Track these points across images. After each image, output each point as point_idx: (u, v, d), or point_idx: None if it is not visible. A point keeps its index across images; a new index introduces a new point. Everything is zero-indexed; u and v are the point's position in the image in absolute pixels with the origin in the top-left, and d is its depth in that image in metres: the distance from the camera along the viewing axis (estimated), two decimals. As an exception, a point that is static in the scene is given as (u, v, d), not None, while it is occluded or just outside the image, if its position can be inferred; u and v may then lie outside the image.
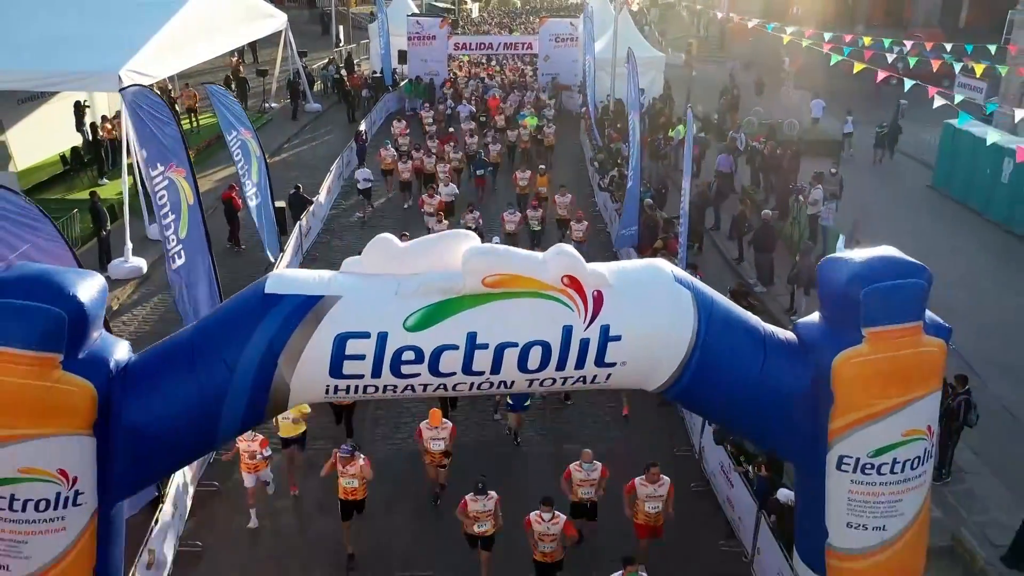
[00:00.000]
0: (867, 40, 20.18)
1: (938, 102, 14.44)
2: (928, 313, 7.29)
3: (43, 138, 23.22)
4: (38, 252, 8.19)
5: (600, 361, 6.72)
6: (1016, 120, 16.06)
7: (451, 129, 27.18)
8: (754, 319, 7.42)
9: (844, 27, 35.09)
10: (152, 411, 6.71)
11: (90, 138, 24.17)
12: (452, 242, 6.84)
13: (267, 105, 33.82)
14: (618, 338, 6.67)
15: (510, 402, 11.87)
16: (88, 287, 6.69)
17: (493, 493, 9.28)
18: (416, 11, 41.37)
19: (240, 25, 26.90)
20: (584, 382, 6.93)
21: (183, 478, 10.78)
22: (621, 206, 18.57)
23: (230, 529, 10.90)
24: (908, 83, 16.50)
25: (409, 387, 6.75)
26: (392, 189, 23.35)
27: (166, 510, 10.04)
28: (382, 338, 6.47)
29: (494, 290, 6.54)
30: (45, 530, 6.73)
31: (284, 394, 6.69)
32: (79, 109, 24.58)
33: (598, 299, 6.66)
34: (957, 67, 22.49)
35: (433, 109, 29.96)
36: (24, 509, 6.60)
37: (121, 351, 6.92)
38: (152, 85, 23.81)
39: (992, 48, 22.27)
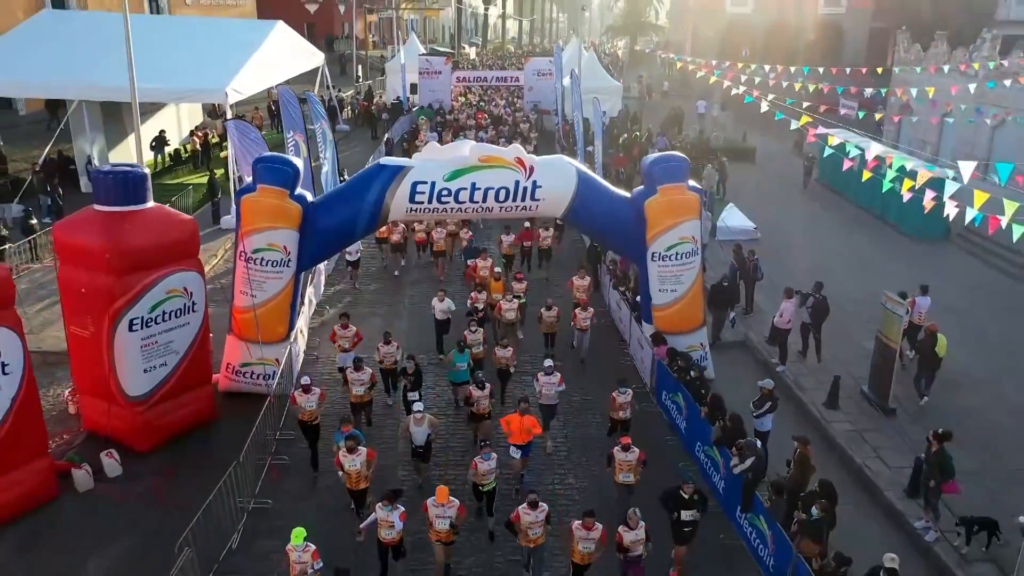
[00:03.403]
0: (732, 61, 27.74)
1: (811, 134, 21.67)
2: (691, 182, 15.15)
3: (154, 141, 31.14)
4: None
5: (532, 197, 14.49)
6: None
7: None
8: (607, 185, 15.30)
9: (788, 63, 43.35)
10: (326, 219, 14.47)
11: (164, 157, 31.49)
12: (464, 143, 14.72)
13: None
14: (541, 186, 14.45)
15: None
16: (299, 163, 14.56)
17: None
18: (425, 52, 49.84)
19: (294, 59, 34.94)
20: (527, 209, 14.72)
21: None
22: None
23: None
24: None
25: (444, 209, 14.53)
26: (387, 255, 22.04)
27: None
28: (432, 184, 14.23)
29: (484, 164, 14.34)
30: (274, 277, 14.46)
31: (387, 211, 14.43)
32: (160, 137, 32.06)
33: (531, 169, 14.45)
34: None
35: None
36: (266, 265, 14.33)
37: (309, 196, 14.72)
38: (217, 105, 31.92)
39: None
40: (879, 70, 31.82)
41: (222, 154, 29.44)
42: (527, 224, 20.59)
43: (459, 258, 20.90)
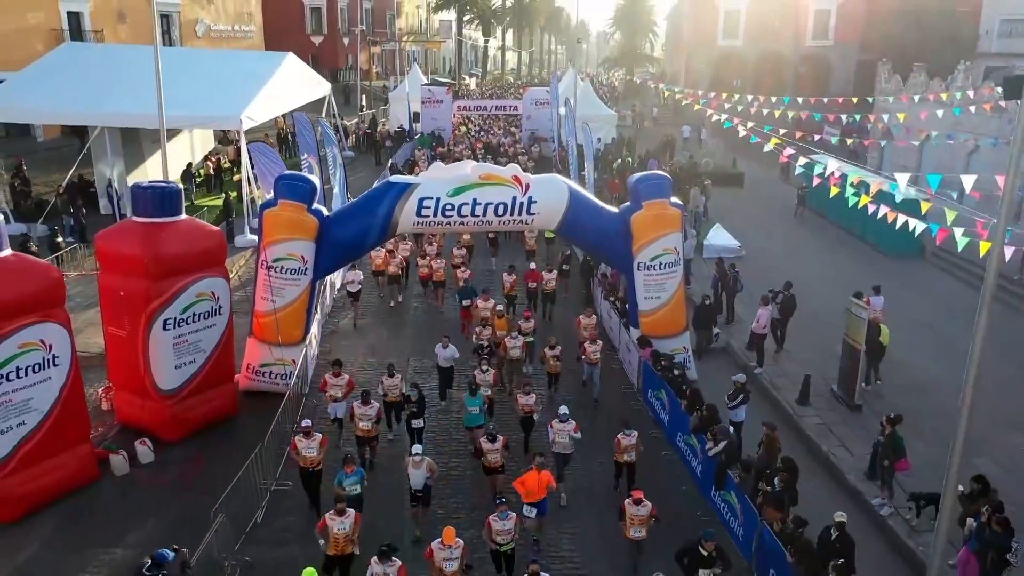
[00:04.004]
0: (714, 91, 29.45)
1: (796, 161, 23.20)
2: (674, 199, 16.58)
3: (169, 165, 32.64)
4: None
5: (528, 212, 15.90)
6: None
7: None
8: (597, 202, 16.73)
9: (778, 93, 45.14)
10: (340, 232, 15.87)
11: (196, 180, 33.24)
12: (467, 164, 16.16)
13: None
14: (536, 202, 15.87)
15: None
16: (315, 180, 16.01)
17: None
18: (427, 82, 51.77)
19: (303, 89, 36.63)
20: (523, 223, 16.13)
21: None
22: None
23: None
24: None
25: (448, 223, 15.92)
26: (383, 287, 22.28)
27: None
28: (437, 199, 15.65)
29: (484, 181, 15.77)
30: (292, 284, 15.83)
31: (395, 224, 15.83)
32: (187, 170, 33.72)
33: (527, 185, 15.88)
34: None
35: None
36: (285, 273, 15.71)
37: (325, 211, 16.13)
38: (227, 132, 33.63)
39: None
40: (853, 100, 33.44)
41: (235, 177, 31.00)
42: (532, 265, 20.51)
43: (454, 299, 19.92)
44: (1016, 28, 60.15)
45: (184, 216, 14.63)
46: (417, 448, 12.12)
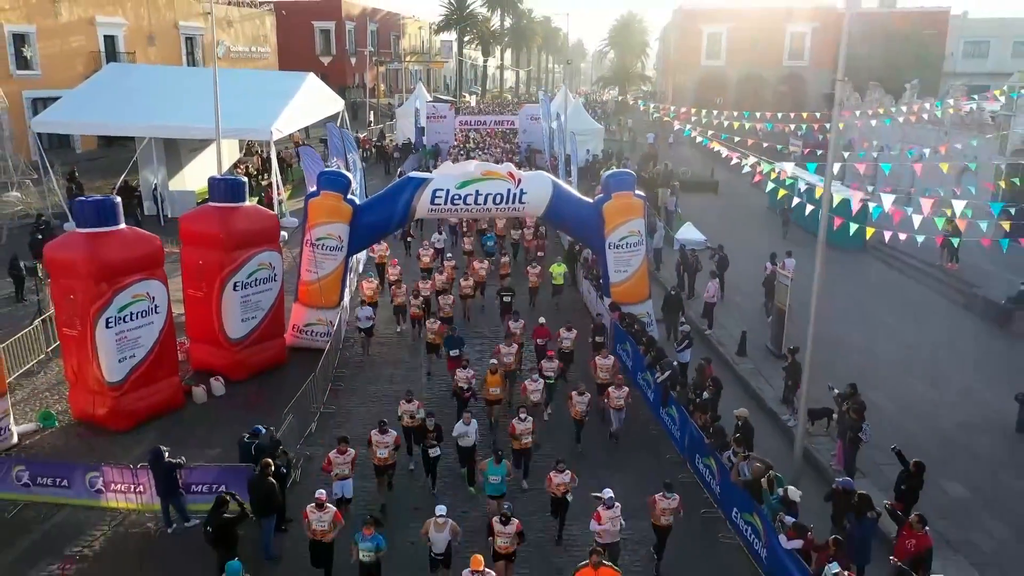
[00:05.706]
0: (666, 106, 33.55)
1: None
2: (638, 192, 20.56)
3: (202, 172, 36.64)
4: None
5: (520, 201, 19.84)
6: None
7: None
8: (576, 194, 20.72)
9: (758, 109, 49.18)
10: (369, 217, 19.82)
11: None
12: (472, 164, 20.15)
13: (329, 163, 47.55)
14: (526, 193, 19.82)
15: None
16: (350, 177, 19.97)
17: None
18: (430, 99, 56.07)
19: (320, 104, 40.69)
20: (516, 210, 20.09)
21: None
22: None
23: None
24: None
25: (456, 209, 19.89)
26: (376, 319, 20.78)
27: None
28: (447, 191, 19.59)
29: (485, 176, 19.74)
30: (330, 259, 19.75)
31: (413, 211, 19.77)
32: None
33: (520, 180, 19.85)
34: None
35: (431, 246, 25.06)
36: (326, 249, 19.64)
37: (357, 200, 20.08)
38: (250, 144, 37.62)
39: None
40: (804, 115, 37.18)
41: (263, 183, 35.01)
42: (541, 320, 19.07)
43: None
44: (979, 49, 64.72)
45: (248, 203, 18.55)
46: (441, 508, 11.38)
